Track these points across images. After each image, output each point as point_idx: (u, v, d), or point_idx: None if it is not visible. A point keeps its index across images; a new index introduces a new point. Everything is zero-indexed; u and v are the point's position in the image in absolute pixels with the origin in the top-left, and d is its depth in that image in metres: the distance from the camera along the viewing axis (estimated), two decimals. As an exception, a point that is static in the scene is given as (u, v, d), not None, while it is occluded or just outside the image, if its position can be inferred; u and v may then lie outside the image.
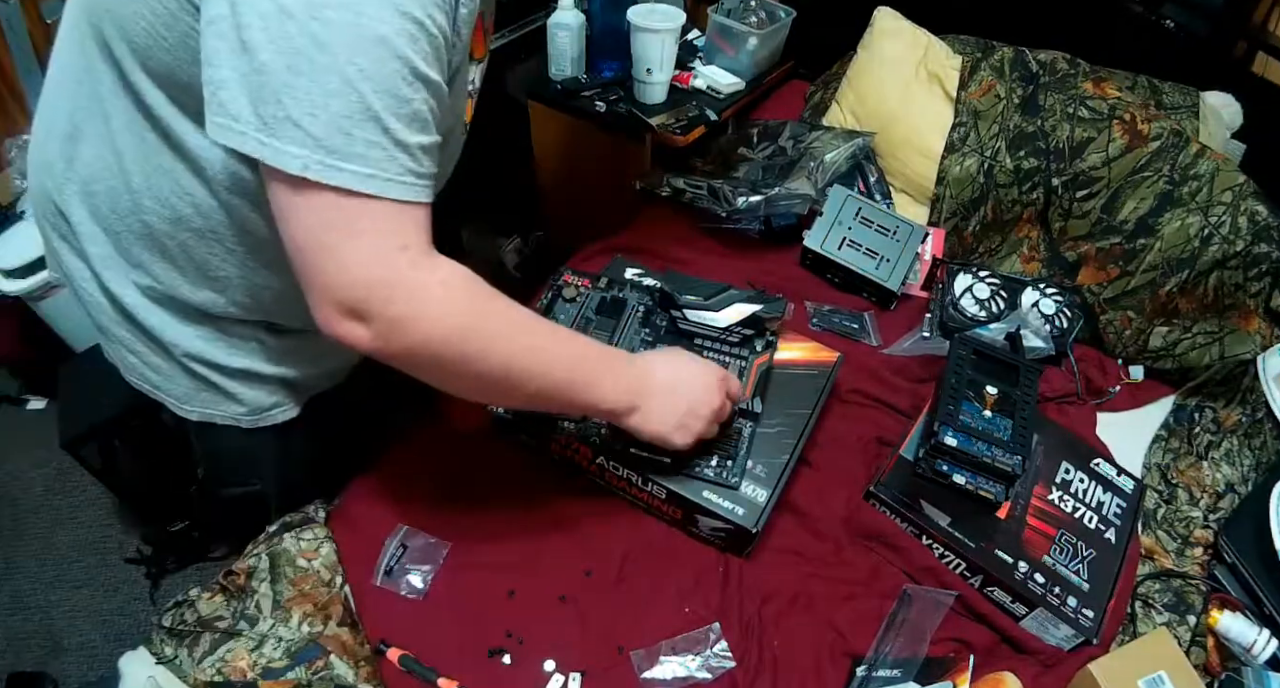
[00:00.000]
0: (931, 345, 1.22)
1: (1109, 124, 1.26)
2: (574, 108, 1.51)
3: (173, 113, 0.63)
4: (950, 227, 1.39)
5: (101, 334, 0.82)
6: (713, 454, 0.91)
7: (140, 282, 0.75)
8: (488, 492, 0.97)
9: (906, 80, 1.43)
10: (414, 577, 0.88)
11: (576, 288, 1.06)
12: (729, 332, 0.99)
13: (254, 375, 0.83)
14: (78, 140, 0.69)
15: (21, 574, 1.44)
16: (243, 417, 0.86)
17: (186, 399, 0.83)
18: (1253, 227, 1.16)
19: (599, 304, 1.04)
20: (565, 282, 1.07)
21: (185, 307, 0.76)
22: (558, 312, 1.04)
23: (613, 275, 1.09)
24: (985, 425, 0.94)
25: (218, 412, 0.85)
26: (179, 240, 0.71)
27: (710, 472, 0.90)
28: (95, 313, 0.79)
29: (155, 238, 0.71)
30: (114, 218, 0.71)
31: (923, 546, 0.95)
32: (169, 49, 0.58)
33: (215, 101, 0.53)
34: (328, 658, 0.78)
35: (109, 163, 0.68)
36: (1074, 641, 0.89)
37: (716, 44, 1.57)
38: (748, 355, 0.99)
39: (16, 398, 1.73)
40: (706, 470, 0.90)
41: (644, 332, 1.02)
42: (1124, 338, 1.27)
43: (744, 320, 0.98)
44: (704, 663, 0.83)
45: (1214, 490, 1.09)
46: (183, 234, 0.70)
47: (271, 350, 0.83)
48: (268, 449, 0.91)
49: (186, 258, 0.72)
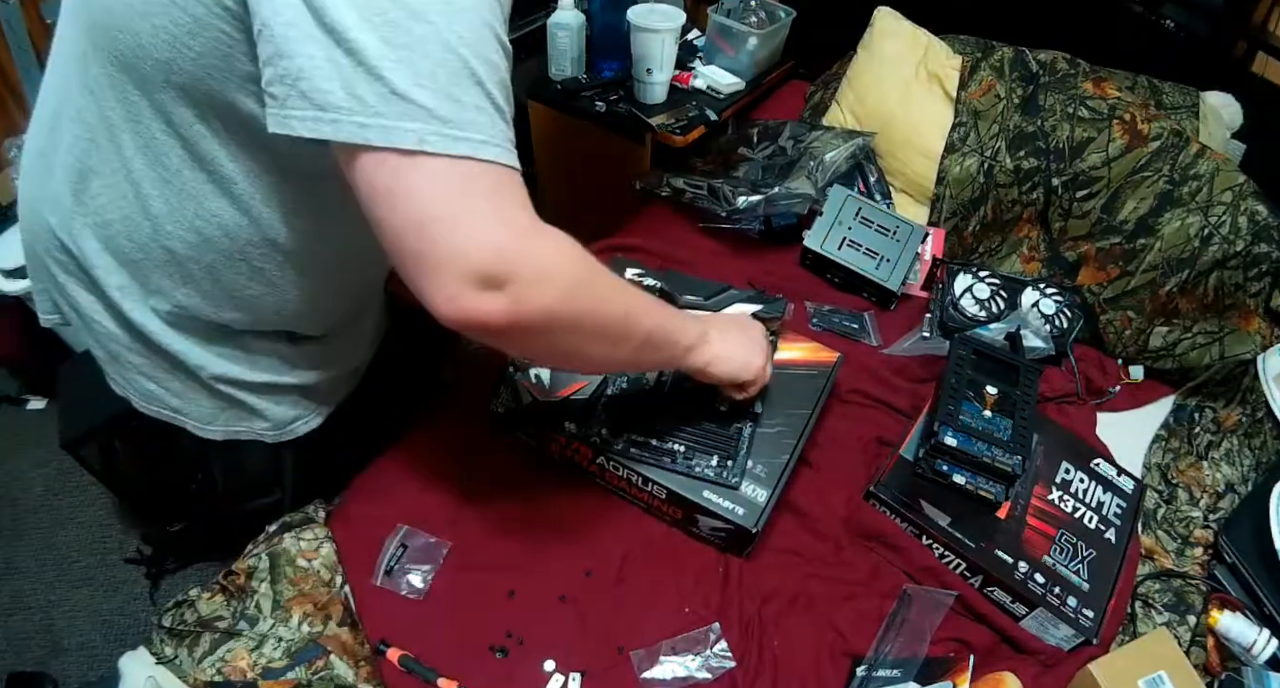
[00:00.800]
0: (931, 345, 1.22)
1: (1109, 124, 1.26)
2: (574, 108, 1.51)
3: (200, 132, 0.61)
4: (950, 227, 1.39)
5: (114, 363, 0.79)
6: (713, 454, 0.91)
7: (161, 308, 0.73)
8: (488, 492, 0.96)
9: (906, 80, 1.43)
10: (414, 577, 0.88)
11: None
12: None
13: (276, 387, 0.82)
14: (88, 176, 0.66)
15: (21, 574, 1.44)
16: (266, 432, 0.85)
17: (210, 420, 0.82)
18: (1253, 227, 1.16)
19: None
20: None
21: (209, 328, 0.75)
22: None
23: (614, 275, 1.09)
24: (985, 425, 0.94)
25: (242, 428, 0.84)
26: (204, 263, 0.69)
27: (710, 472, 0.90)
28: (109, 344, 0.77)
29: (179, 263, 0.69)
30: (131, 247, 0.68)
31: (923, 546, 0.95)
32: (195, 59, 0.55)
33: (295, 95, 0.50)
34: (328, 658, 0.78)
35: (124, 191, 0.65)
36: (1074, 641, 0.89)
37: (716, 44, 1.57)
38: None
39: (16, 398, 1.73)
40: (707, 470, 0.90)
41: None
42: (1124, 338, 1.27)
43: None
44: (704, 663, 0.83)
45: (1214, 491, 1.10)
46: (209, 257, 0.68)
47: (291, 359, 0.82)
48: (289, 461, 0.91)
49: (211, 280, 0.70)
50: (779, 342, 1.02)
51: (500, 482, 0.98)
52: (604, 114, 1.48)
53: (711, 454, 0.91)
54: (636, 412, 0.94)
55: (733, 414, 0.94)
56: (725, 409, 0.94)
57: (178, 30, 0.54)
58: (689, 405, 0.95)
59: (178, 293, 0.71)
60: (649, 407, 0.95)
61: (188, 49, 0.55)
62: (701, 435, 0.92)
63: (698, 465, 0.90)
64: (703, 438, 0.92)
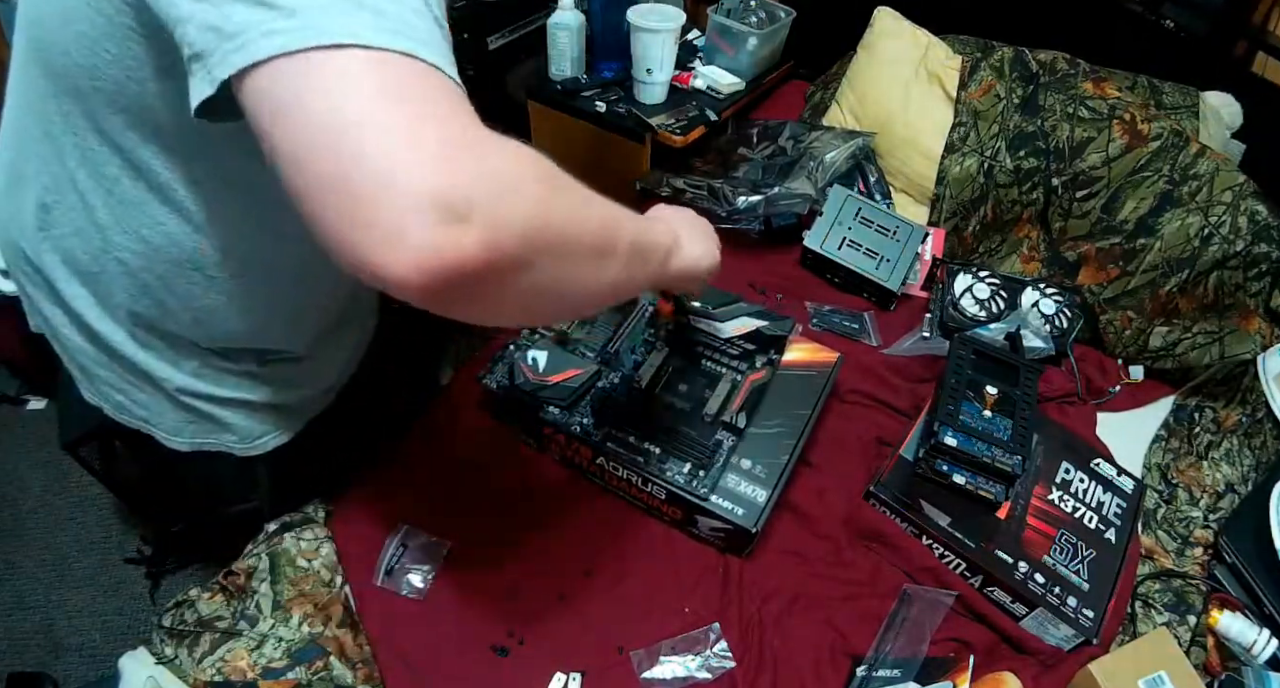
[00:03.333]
0: (931, 345, 1.22)
1: (1109, 124, 1.26)
2: (574, 108, 1.51)
3: (133, 139, 0.58)
4: (950, 227, 1.39)
5: (84, 377, 0.79)
6: (686, 461, 0.90)
7: (125, 321, 0.71)
8: (488, 492, 0.97)
9: (906, 80, 1.43)
10: (414, 576, 0.88)
11: None
12: (730, 343, 0.99)
13: (246, 404, 0.80)
14: (42, 191, 0.65)
15: (22, 574, 1.44)
16: (234, 444, 0.83)
17: (177, 431, 0.81)
18: (1253, 226, 1.16)
19: None
20: None
21: (173, 341, 0.73)
22: None
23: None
24: (985, 425, 0.94)
25: (209, 440, 0.82)
26: (157, 273, 0.67)
27: (680, 477, 0.89)
28: (77, 356, 0.76)
29: (132, 274, 0.67)
30: (87, 259, 0.67)
31: (923, 546, 0.95)
32: (112, 61, 0.53)
33: (208, 40, 0.41)
34: (327, 659, 0.78)
35: (73, 203, 0.64)
36: (1074, 641, 0.89)
37: (716, 44, 1.57)
38: (744, 370, 0.99)
39: (16, 398, 1.73)
40: (677, 476, 0.89)
41: (648, 331, 1.02)
42: (1124, 338, 1.27)
43: (747, 335, 0.98)
44: (704, 663, 0.83)
45: (1214, 491, 1.10)
46: (160, 267, 0.66)
47: (262, 380, 0.80)
48: (262, 470, 0.89)
49: (168, 291, 0.68)
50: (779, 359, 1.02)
51: (500, 482, 0.98)
52: (604, 114, 1.48)
53: (685, 461, 0.90)
54: (622, 407, 0.94)
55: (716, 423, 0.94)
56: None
57: (95, 33, 0.53)
58: (674, 410, 0.95)
59: (137, 306, 0.70)
60: (635, 404, 0.95)
61: (106, 52, 0.53)
62: (679, 441, 0.92)
63: (669, 470, 0.89)
64: (680, 444, 0.92)
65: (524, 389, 0.94)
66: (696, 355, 1.00)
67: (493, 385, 0.96)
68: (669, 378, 0.98)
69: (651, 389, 0.97)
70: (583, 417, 0.93)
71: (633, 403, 0.95)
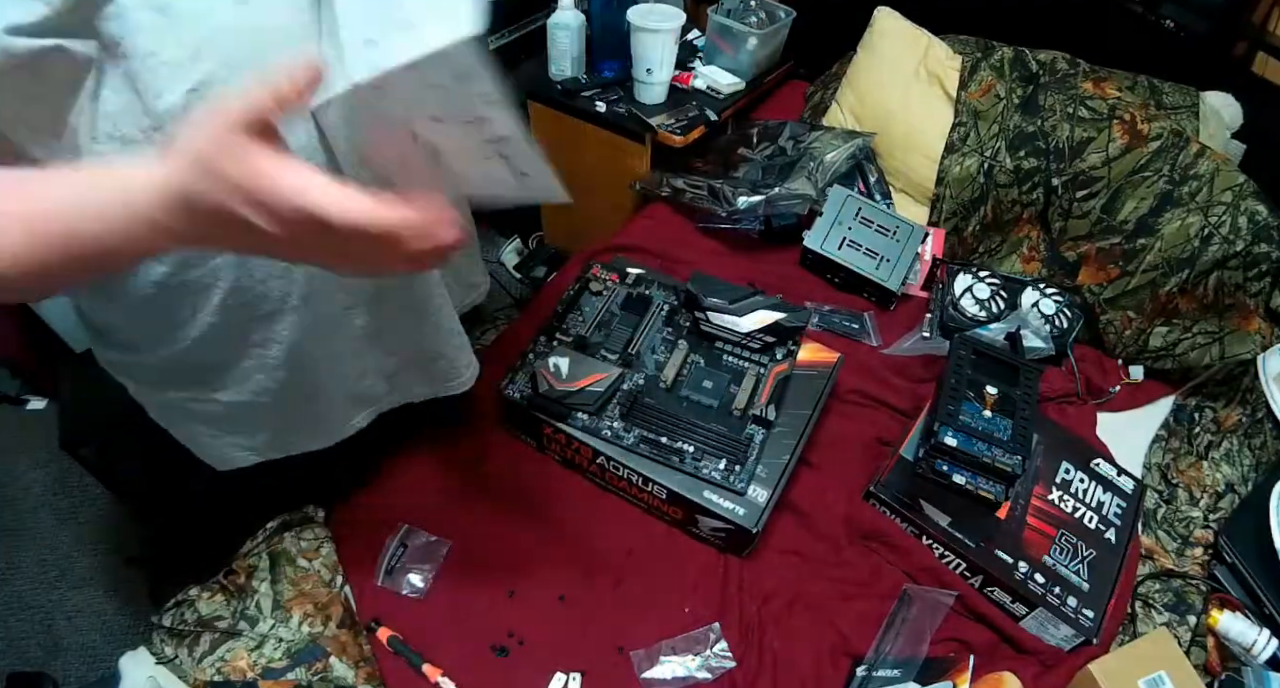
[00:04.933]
0: (931, 345, 1.22)
1: (1109, 124, 1.26)
2: (574, 108, 1.51)
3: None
4: (950, 227, 1.39)
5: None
6: (722, 457, 0.91)
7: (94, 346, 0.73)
8: (488, 492, 0.97)
9: (906, 80, 1.43)
10: (414, 576, 0.88)
11: (604, 282, 1.07)
12: (750, 337, 0.99)
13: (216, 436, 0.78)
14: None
15: (22, 574, 1.44)
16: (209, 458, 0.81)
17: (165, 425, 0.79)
18: (1253, 227, 1.16)
19: (625, 300, 1.05)
20: (594, 275, 1.08)
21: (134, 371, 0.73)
22: (584, 304, 1.05)
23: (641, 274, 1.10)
24: (985, 425, 0.94)
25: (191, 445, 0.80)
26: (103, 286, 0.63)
27: (717, 474, 0.89)
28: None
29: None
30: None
31: (923, 545, 0.95)
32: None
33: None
34: (328, 660, 0.78)
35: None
36: (1074, 641, 0.89)
37: (716, 44, 1.57)
38: (767, 363, 0.99)
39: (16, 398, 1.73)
40: (714, 473, 0.90)
41: (666, 330, 1.02)
42: (1124, 338, 1.27)
43: (766, 328, 0.98)
44: (704, 663, 0.83)
45: (1214, 490, 1.09)
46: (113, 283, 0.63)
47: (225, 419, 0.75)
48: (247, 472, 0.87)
49: (83, 310, 0.68)
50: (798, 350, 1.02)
51: (500, 482, 0.98)
52: (604, 114, 1.48)
53: (720, 457, 0.91)
54: (651, 407, 0.94)
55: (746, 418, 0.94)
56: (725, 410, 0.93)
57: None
58: (704, 406, 0.95)
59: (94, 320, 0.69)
60: (664, 403, 0.95)
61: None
62: (713, 438, 0.92)
63: (705, 467, 0.90)
64: (714, 440, 0.92)
65: (549, 397, 0.93)
66: (717, 351, 1.01)
67: (516, 396, 0.95)
68: (692, 375, 0.99)
69: (679, 386, 0.97)
70: (611, 420, 0.93)
71: (661, 403, 0.95)
